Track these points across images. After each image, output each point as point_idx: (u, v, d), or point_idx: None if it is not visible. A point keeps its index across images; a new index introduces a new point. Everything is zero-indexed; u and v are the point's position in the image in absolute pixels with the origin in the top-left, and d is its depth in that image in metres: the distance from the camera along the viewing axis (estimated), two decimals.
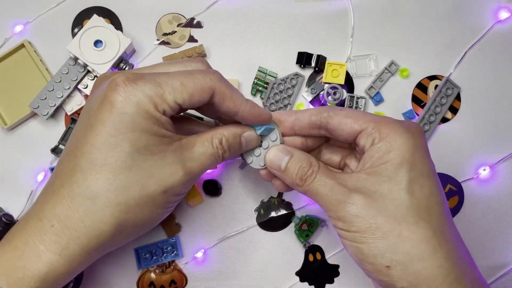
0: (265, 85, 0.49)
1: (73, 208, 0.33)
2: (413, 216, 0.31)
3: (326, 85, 0.50)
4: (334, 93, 0.49)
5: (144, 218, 0.35)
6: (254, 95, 0.50)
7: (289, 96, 0.49)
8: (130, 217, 0.34)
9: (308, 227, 0.48)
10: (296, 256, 0.49)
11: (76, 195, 0.33)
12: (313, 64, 0.49)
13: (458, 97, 0.50)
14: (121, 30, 0.50)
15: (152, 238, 0.48)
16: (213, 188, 0.48)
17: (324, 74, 0.49)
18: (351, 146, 0.40)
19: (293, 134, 0.40)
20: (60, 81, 0.47)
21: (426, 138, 0.43)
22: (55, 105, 0.47)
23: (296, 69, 0.50)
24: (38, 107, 0.47)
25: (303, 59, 0.49)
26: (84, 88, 0.48)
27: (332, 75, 0.49)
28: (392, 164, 0.33)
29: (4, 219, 0.36)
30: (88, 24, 0.47)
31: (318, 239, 0.49)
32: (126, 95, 0.33)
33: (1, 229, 0.35)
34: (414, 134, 0.34)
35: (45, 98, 0.47)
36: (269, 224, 0.49)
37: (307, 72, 0.50)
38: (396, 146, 0.33)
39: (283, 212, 0.49)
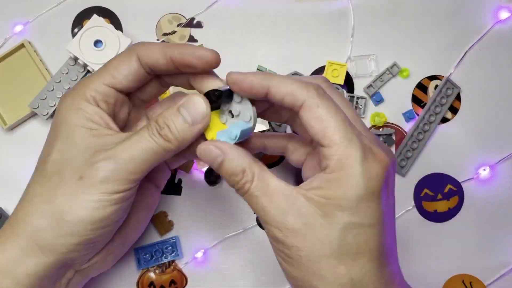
0: None
1: (18, 208, 0.36)
2: (335, 260, 0.31)
3: None
4: None
5: (70, 209, 0.33)
6: None
7: None
8: (53, 209, 0.33)
9: None
10: None
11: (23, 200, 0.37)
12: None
13: (458, 97, 0.50)
14: (121, 30, 0.50)
15: (152, 238, 0.48)
16: (213, 176, 0.48)
17: (324, 74, 0.49)
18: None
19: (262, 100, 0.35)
20: (60, 81, 0.47)
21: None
22: (55, 105, 0.47)
23: (296, 68, 0.50)
24: (38, 107, 0.47)
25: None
26: None
27: (332, 75, 0.49)
28: (333, 204, 0.31)
29: None
30: (88, 24, 0.47)
31: None
32: (62, 97, 0.36)
33: None
34: (372, 178, 0.30)
35: (45, 98, 0.47)
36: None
37: None
38: (345, 188, 0.30)
39: None
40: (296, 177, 0.49)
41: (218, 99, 0.34)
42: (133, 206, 0.37)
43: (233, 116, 0.35)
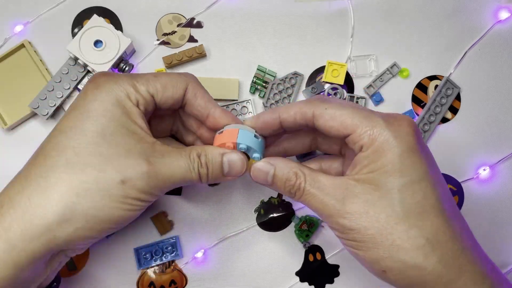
0: (264, 84, 0.49)
1: (25, 186, 0.32)
2: (404, 224, 0.31)
3: (327, 85, 0.50)
4: (335, 94, 0.49)
5: (97, 207, 0.32)
6: (253, 93, 0.50)
7: (289, 95, 0.49)
8: (80, 202, 0.32)
9: (308, 227, 0.48)
10: (296, 256, 0.49)
11: (31, 174, 0.32)
12: None
13: (458, 97, 0.50)
14: (121, 30, 0.50)
15: (152, 238, 0.48)
16: None
17: (324, 74, 0.49)
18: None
19: (282, 132, 0.39)
20: (60, 81, 0.47)
21: (422, 136, 0.41)
22: (55, 105, 0.47)
23: (296, 68, 0.50)
24: (38, 107, 0.47)
25: None
26: None
27: (332, 75, 0.49)
28: (380, 173, 0.32)
29: None
30: (88, 24, 0.47)
31: (318, 239, 0.49)
32: (100, 85, 0.34)
33: None
34: (403, 136, 0.33)
35: (45, 98, 0.47)
36: (269, 224, 0.49)
37: None
38: (384, 153, 0.32)
39: (283, 212, 0.49)
40: None
41: None
42: None
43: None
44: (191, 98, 0.37)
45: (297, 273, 0.49)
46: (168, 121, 0.42)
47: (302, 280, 0.49)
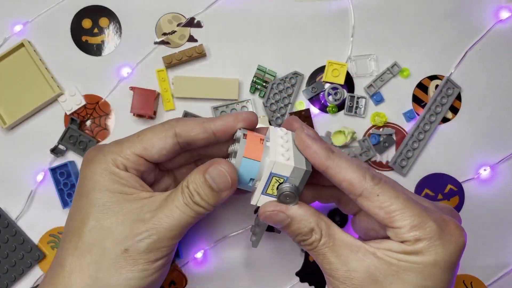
0: (264, 84, 0.49)
1: (51, 276, 0.33)
2: None
3: (327, 85, 0.49)
4: (335, 93, 0.49)
5: (113, 283, 0.32)
6: (253, 93, 0.50)
7: (289, 95, 0.49)
8: (96, 283, 0.32)
9: None
10: (296, 256, 0.49)
11: (53, 263, 0.34)
12: None
13: (458, 97, 0.50)
14: (121, 30, 0.50)
15: None
16: None
17: (324, 73, 0.49)
18: None
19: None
20: None
21: (429, 137, 0.40)
22: None
23: (296, 68, 0.50)
24: None
25: None
26: None
27: (333, 75, 0.49)
28: (407, 266, 0.31)
29: None
30: None
31: None
32: (90, 160, 0.35)
33: None
34: (451, 251, 0.31)
35: None
36: (269, 225, 0.48)
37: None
38: (424, 257, 0.30)
39: None
40: None
41: None
42: None
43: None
44: (187, 138, 0.35)
45: (297, 273, 0.48)
46: (184, 156, 0.40)
47: (302, 281, 0.48)
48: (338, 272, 0.32)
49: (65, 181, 0.48)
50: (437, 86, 0.50)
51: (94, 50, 0.50)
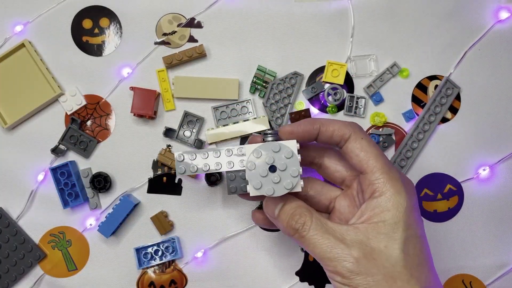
0: (264, 84, 0.49)
1: None
2: (406, 274, 0.33)
3: (327, 85, 0.50)
4: (335, 94, 0.49)
5: None
6: (253, 93, 0.50)
7: (289, 95, 0.49)
8: None
9: None
10: (296, 256, 0.49)
11: None
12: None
13: (458, 97, 0.50)
14: (121, 30, 0.50)
15: (152, 238, 0.48)
16: (213, 176, 0.48)
17: (324, 74, 0.49)
18: (343, 184, 0.40)
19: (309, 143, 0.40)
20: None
21: (428, 137, 0.43)
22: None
23: (296, 68, 0.50)
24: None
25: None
26: None
27: (332, 75, 0.49)
28: (390, 223, 0.34)
29: None
30: None
31: None
32: None
33: None
34: (411, 195, 0.35)
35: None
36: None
37: None
38: (395, 205, 0.34)
39: None
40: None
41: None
42: None
43: (274, 170, 0.36)
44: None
45: (297, 273, 0.49)
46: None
47: (302, 280, 0.49)
48: (336, 252, 0.34)
49: (66, 181, 0.48)
50: (436, 86, 0.50)
51: (95, 50, 0.50)
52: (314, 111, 0.50)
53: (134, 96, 0.47)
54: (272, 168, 0.35)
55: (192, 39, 0.50)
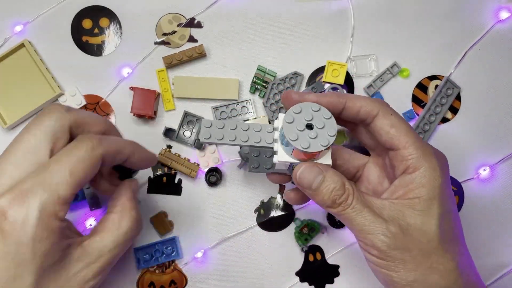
0: (264, 84, 0.49)
1: None
2: (442, 249, 0.33)
3: (327, 85, 0.50)
4: None
5: None
6: (253, 93, 0.50)
7: None
8: None
9: (309, 231, 0.48)
10: (296, 256, 0.49)
11: None
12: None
13: (458, 97, 0.50)
14: (121, 30, 0.50)
15: (152, 238, 0.48)
16: (213, 176, 0.48)
17: (324, 74, 0.49)
18: (375, 152, 0.40)
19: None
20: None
21: (428, 137, 0.44)
22: None
23: (296, 68, 0.50)
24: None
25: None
26: None
27: (333, 75, 0.49)
28: (425, 199, 0.34)
29: None
30: None
31: (318, 240, 0.49)
32: (18, 221, 0.30)
33: None
34: (444, 170, 0.35)
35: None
36: (269, 224, 0.49)
37: None
38: (430, 181, 0.34)
39: (283, 212, 0.49)
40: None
41: None
42: None
43: (312, 128, 0.34)
44: (111, 161, 0.36)
45: (297, 273, 0.49)
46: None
47: (302, 280, 0.48)
48: (376, 226, 0.33)
49: None
50: (436, 86, 0.50)
51: (95, 50, 0.50)
52: None
53: (134, 96, 0.47)
54: (310, 127, 0.34)
55: (192, 39, 0.50)
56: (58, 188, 0.31)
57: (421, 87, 0.50)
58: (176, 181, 0.49)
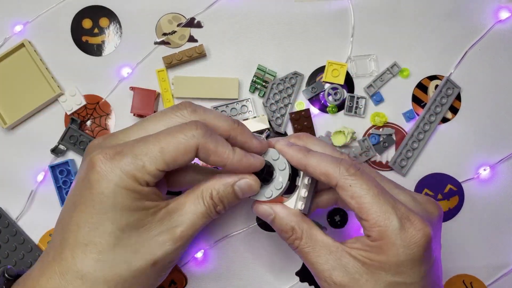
0: (264, 84, 0.49)
1: (63, 285, 0.32)
2: None
3: (327, 85, 0.50)
4: (335, 93, 0.49)
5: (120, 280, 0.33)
6: (253, 92, 0.50)
7: (289, 95, 0.49)
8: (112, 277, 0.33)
9: None
10: (296, 256, 0.49)
11: (65, 271, 0.32)
12: None
13: (458, 97, 0.50)
14: (121, 30, 0.50)
15: None
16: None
17: (324, 74, 0.49)
18: None
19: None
20: None
21: (428, 137, 0.43)
22: None
23: (296, 68, 0.50)
24: None
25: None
26: None
27: (333, 75, 0.49)
28: (377, 265, 0.33)
29: (6, 275, 0.35)
30: None
31: None
32: (103, 174, 0.32)
33: (3, 286, 0.35)
34: (412, 248, 0.32)
35: None
36: (269, 224, 0.48)
37: None
38: (387, 253, 0.32)
39: None
40: None
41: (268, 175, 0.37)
42: None
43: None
44: (203, 158, 0.34)
45: (297, 273, 0.49)
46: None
47: (302, 280, 0.48)
48: (320, 272, 0.34)
49: (65, 179, 0.48)
50: (436, 86, 0.50)
51: (95, 50, 0.50)
52: (314, 111, 0.49)
53: (134, 96, 0.47)
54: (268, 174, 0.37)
55: (192, 39, 0.50)
56: (145, 159, 0.33)
57: (421, 87, 0.50)
58: None
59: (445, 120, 0.50)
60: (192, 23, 0.50)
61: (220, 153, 0.34)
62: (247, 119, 0.49)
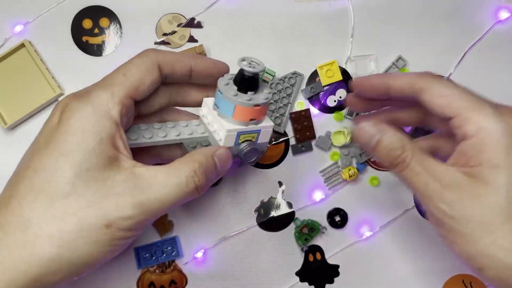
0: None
1: (4, 239, 0.29)
2: (509, 224, 0.30)
3: (327, 87, 0.50)
4: (335, 93, 0.49)
5: (82, 255, 0.30)
6: None
7: (289, 95, 0.49)
8: (63, 252, 0.29)
9: (309, 231, 0.48)
10: (296, 256, 0.49)
11: (8, 223, 0.30)
12: None
13: None
14: (121, 30, 0.50)
15: (152, 238, 0.48)
16: None
17: (320, 78, 0.49)
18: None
19: (386, 98, 0.37)
20: None
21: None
22: None
23: (296, 68, 0.50)
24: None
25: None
26: None
27: (327, 76, 0.49)
28: (488, 167, 0.30)
29: None
30: None
31: (318, 240, 0.49)
32: (73, 111, 0.31)
33: None
34: (509, 126, 0.31)
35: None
36: (269, 224, 0.49)
37: None
38: (490, 145, 0.30)
39: (283, 212, 0.49)
40: None
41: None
42: None
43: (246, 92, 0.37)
44: (170, 72, 0.35)
45: (297, 273, 0.49)
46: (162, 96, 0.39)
47: (302, 280, 0.49)
48: (434, 191, 0.31)
49: None
50: None
51: (95, 50, 0.50)
52: (314, 111, 0.49)
53: None
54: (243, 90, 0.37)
55: (192, 39, 0.50)
56: (113, 87, 0.32)
57: None
58: None
59: None
60: (192, 23, 0.50)
61: (183, 57, 0.36)
62: None
